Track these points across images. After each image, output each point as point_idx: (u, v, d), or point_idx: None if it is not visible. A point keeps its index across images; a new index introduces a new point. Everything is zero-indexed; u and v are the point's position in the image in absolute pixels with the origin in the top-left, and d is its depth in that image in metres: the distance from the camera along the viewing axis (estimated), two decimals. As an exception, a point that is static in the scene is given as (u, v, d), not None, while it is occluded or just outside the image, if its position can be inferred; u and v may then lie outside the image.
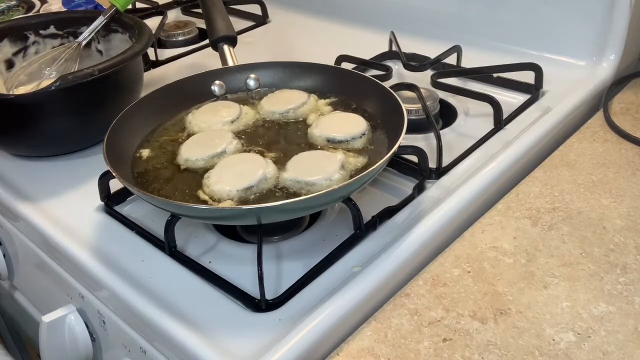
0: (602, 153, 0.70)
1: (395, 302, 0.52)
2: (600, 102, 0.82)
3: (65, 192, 0.69)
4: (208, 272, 0.55)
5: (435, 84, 0.78)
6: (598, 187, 0.64)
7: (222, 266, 0.56)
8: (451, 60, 0.86)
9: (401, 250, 0.56)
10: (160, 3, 1.23)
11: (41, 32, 0.86)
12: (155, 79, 0.90)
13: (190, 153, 0.63)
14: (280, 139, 0.66)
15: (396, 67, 0.88)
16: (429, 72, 0.81)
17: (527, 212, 0.62)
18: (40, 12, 1.14)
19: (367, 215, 0.58)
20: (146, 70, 0.91)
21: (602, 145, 0.71)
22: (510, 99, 0.80)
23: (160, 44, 1.07)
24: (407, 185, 0.65)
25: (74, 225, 0.63)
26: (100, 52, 0.88)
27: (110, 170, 0.57)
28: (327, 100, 0.71)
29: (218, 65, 0.79)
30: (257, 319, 0.50)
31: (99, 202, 0.65)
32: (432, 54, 0.85)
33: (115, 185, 0.64)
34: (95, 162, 0.70)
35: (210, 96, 0.74)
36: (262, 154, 0.62)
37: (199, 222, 0.62)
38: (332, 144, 0.63)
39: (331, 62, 0.82)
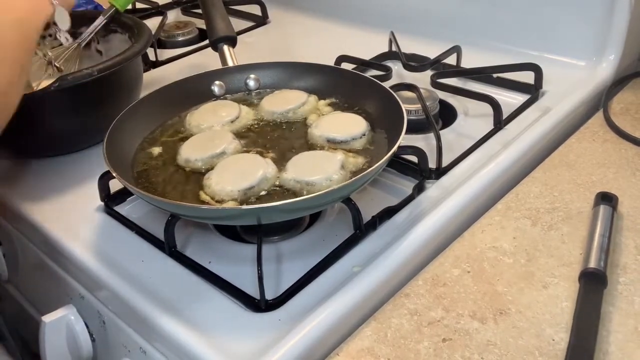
0: (601, 153, 0.70)
1: (395, 302, 0.52)
2: (600, 102, 0.82)
3: (65, 192, 0.69)
4: (208, 272, 0.55)
5: (435, 84, 0.78)
6: (598, 187, 0.64)
7: (222, 266, 0.56)
8: (451, 60, 0.86)
9: (401, 250, 0.56)
10: (160, 3, 1.23)
11: (41, 32, 0.86)
12: (155, 79, 0.90)
13: (190, 153, 0.63)
14: (280, 139, 0.66)
15: (396, 67, 0.88)
16: (428, 73, 0.81)
17: (527, 212, 0.62)
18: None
19: (367, 215, 0.58)
20: (146, 70, 0.91)
21: (602, 145, 0.71)
22: (510, 99, 0.80)
23: (160, 44, 1.07)
24: (406, 186, 0.64)
25: (73, 226, 0.63)
26: (99, 52, 0.87)
27: (110, 171, 0.57)
28: (327, 101, 0.71)
29: (218, 65, 0.79)
30: (257, 319, 0.50)
31: (98, 202, 0.65)
32: (432, 54, 0.85)
33: (115, 185, 0.64)
34: (95, 162, 0.70)
35: (210, 96, 0.74)
36: (261, 154, 0.62)
37: (198, 223, 0.62)
38: (332, 144, 0.63)
39: (331, 62, 0.82)
